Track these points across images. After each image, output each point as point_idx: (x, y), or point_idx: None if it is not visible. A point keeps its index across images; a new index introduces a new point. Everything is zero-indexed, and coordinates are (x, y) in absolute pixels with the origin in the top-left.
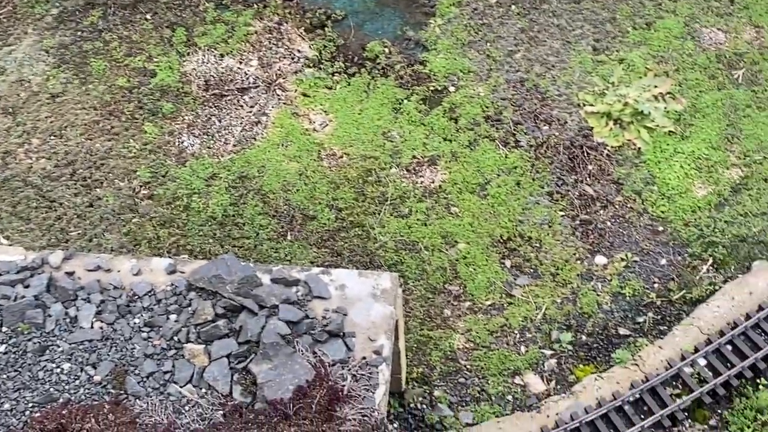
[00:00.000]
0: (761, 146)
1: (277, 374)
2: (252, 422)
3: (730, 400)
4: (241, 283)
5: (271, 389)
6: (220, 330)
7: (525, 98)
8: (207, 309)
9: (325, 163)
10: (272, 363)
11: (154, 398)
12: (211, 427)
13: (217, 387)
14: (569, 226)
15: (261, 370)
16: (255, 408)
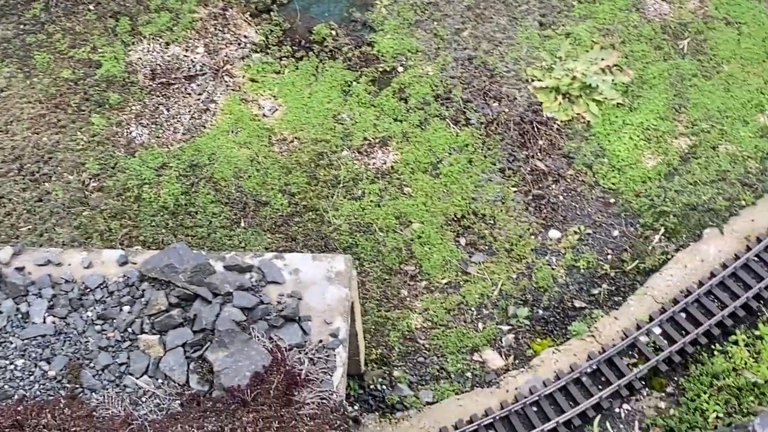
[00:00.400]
0: (708, 115)
1: (233, 361)
2: (210, 410)
3: (686, 367)
4: (194, 271)
5: (228, 376)
6: (174, 319)
7: (474, 76)
8: (160, 299)
9: (276, 148)
10: (228, 350)
11: (111, 391)
12: (168, 417)
13: (174, 377)
14: (522, 201)
15: (217, 358)
16: (212, 396)
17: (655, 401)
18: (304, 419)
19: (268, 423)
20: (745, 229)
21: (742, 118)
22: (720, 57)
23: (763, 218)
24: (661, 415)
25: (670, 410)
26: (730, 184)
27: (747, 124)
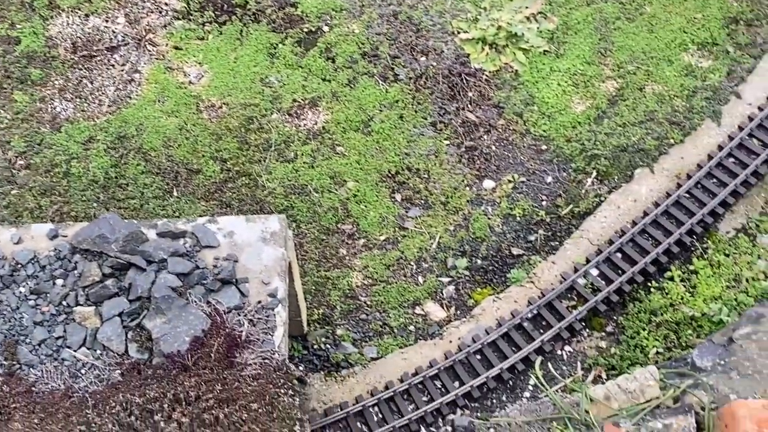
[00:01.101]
0: (633, 57)
1: (171, 327)
2: (151, 377)
3: (624, 305)
4: (126, 240)
5: (167, 343)
6: (109, 290)
7: (400, 31)
8: (93, 270)
9: (205, 115)
10: (166, 317)
11: (49, 365)
12: (109, 387)
13: (112, 347)
14: (455, 154)
15: (155, 325)
16: (153, 363)
17: (596, 341)
18: (247, 380)
19: (210, 386)
20: (675, 167)
21: (666, 58)
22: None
23: (692, 155)
24: (603, 354)
25: (611, 349)
26: (658, 123)
27: (672, 64)
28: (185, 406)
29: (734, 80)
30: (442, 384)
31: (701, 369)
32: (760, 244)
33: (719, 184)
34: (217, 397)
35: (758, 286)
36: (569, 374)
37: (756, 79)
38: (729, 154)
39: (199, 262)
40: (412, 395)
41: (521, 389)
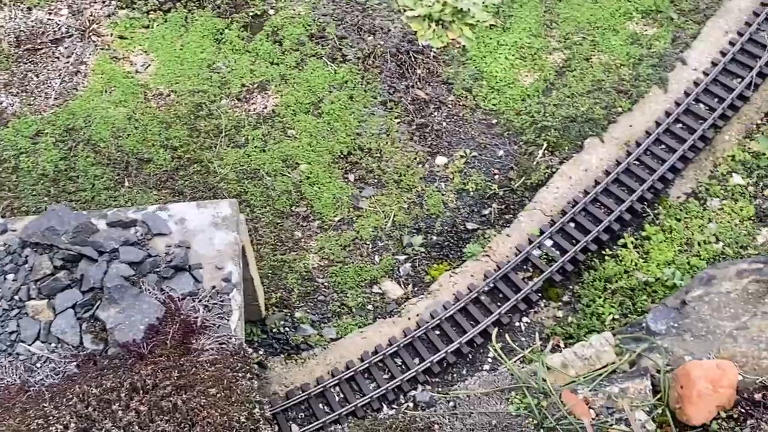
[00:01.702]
0: (579, 27)
1: (125, 317)
2: (107, 368)
3: (579, 274)
4: (76, 231)
5: (122, 332)
6: (61, 282)
7: (346, 11)
8: (44, 263)
9: (153, 103)
10: (119, 306)
11: (3, 360)
12: (65, 380)
13: (67, 339)
14: (406, 131)
15: (109, 315)
16: (108, 354)
17: (553, 311)
18: (205, 365)
19: (167, 373)
20: (624, 135)
21: (611, 28)
22: None
23: (640, 123)
24: (560, 324)
25: (568, 318)
26: (605, 92)
27: (617, 33)
28: (143, 394)
29: (679, 47)
30: (402, 361)
31: (656, 333)
32: (710, 207)
33: (668, 150)
34: (175, 384)
35: (710, 249)
36: (528, 345)
37: (700, 44)
38: (676, 120)
39: (151, 250)
40: (372, 374)
41: (481, 362)
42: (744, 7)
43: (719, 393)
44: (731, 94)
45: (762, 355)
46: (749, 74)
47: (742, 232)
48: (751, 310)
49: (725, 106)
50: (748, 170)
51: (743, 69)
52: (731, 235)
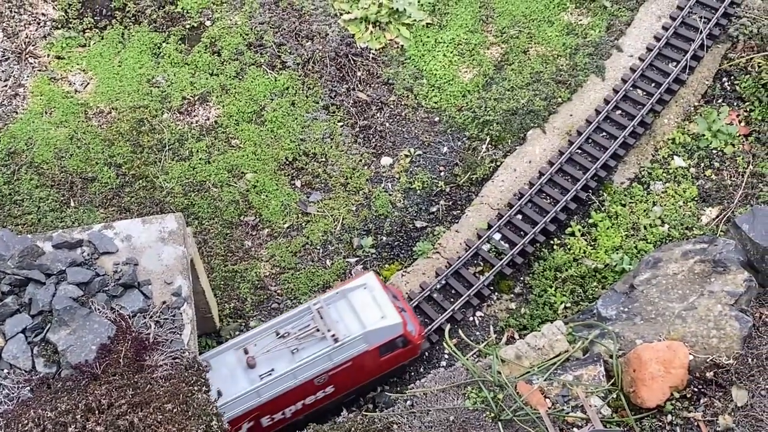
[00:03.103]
0: (514, 21)
1: (77, 338)
2: (61, 390)
3: (530, 266)
4: (22, 255)
5: (73, 353)
6: (9, 307)
7: (283, 18)
8: None
9: (95, 122)
10: (70, 328)
11: None
12: (20, 405)
13: (19, 364)
14: (350, 134)
15: (60, 337)
16: (62, 376)
17: (506, 303)
18: (159, 381)
19: (122, 392)
20: (565, 125)
21: (547, 19)
22: None
23: (580, 111)
24: (513, 316)
25: (521, 309)
26: (544, 84)
27: (552, 24)
28: (98, 414)
29: (614, 34)
30: None
31: (607, 318)
32: (654, 191)
33: (609, 137)
34: (130, 402)
35: (656, 232)
36: (483, 339)
37: (634, 31)
38: (615, 107)
39: (98, 270)
40: None
41: (437, 359)
42: None
43: (671, 374)
44: (667, 78)
45: (711, 333)
46: (684, 58)
47: (686, 214)
48: (698, 290)
49: (662, 90)
50: (689, 152)
51: (678, 53)
52: (676, 217)
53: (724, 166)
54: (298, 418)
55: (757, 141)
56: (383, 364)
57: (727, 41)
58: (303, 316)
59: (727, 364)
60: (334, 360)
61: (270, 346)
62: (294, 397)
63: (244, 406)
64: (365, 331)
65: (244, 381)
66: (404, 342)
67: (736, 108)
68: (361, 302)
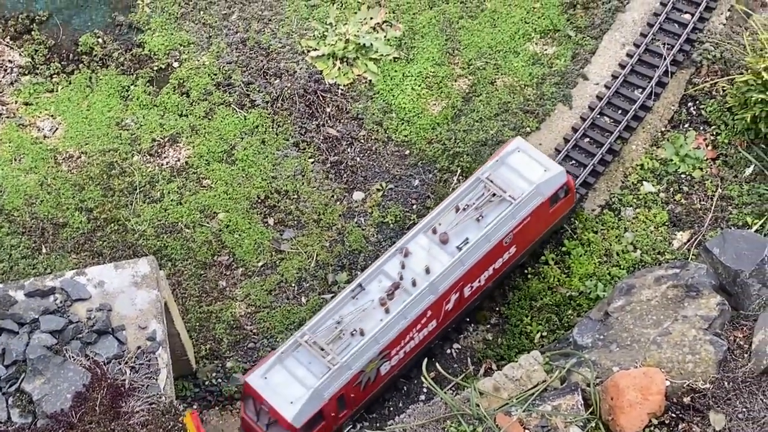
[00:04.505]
0: (481, 53)
1: (51, 387)
2: None
3: (505, 296)
4: None
5: (49, 403)
6: None
7: (250, 57)
8: None
9: (64, 167)
10: (45, 377)
11: None
12: None
13: None
14: (321, 170)
15: (35, 387)
16: (38, 426)
17: (483, 334)
18: (136, 428)
19: None
20: None
21: (512, 50)
22: None
23: (549, 140)
24: (490, 347)
25: (497, 340)
26: (513, 114)
27: (518, 55)
28: None
29: (579, 63)
30: None
31: (583, 347)
32: (625, 217)
33: (578, 165)
34: None
35: (628, 258)
36: (460, 371)
37: (599, 59)
38: (584, 135)
39: (72, 317)
40: None
41: (416, 393)
42: (638, 19)
43: (649, 401)
44: (634, 105)
45: (687, 358)
46: (649, 84)
47: (658, 239)
48: (672, 315)
49: (629, 117)
50: (658, 177)
51: (643, 79)
52: (648, 242)
53: (693, 190)
54: (488, 285)
55: (724, 164)
56: (551, 216)
57: (691, 66)
58: (474, 188)
59: (703, 389)
60: (516, 218)
61: (455, 221)
62: (487, 262)
63: (451, 278)
64: (537, 184)
65: (445, 256)
66: (566, 191)
67: (703, 132)
68: (521, 163)
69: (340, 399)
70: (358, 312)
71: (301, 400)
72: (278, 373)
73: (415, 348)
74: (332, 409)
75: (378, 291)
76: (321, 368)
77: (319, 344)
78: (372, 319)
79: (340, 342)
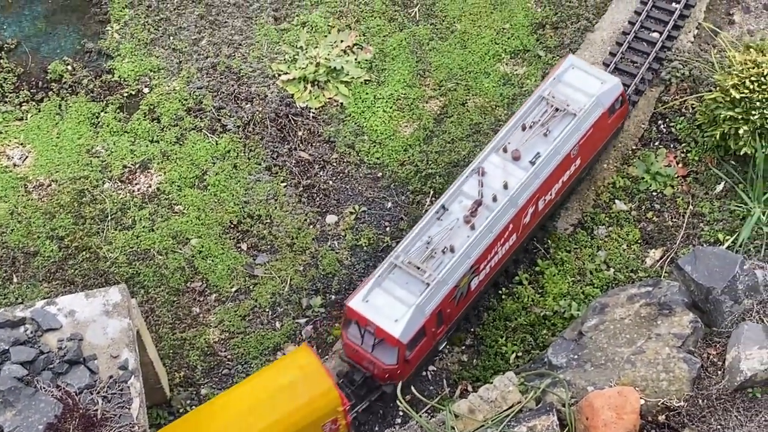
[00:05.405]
0: (451, 74)
1: (23, 419)
2: None
3: (479, 317)
4: None
5: None
6: None
7: (221, 82)
8: None
9: (35, 195)
10: (15, 408)
11: None
12: None
13: None
14: (294, 194)
15: (5, 419)
16: None
17: (458, 356)
18: None
19: None
20: None
21: (483, 71)
22: (451, 17)
23: None
24: (466, 368)
25: (473, 361)
26: (484, 134)
27: (489, 76)
28: None
29: None
30: None
31: (557, 366)
32: (597, 235)
33: None
34: None
35: (602, 276)
36: (436, 393)
37: None
38: None
39: (42, 347)
40: None
41: (392, 416)
42: (606, 38)
43: (624, 420)
44: None
45: (661, 377)
46: None
47: (630, 257)
48: (646, 333)
49: None
50: (630, 195)
51: None
52: (621, 261)
53: (664, 207)
54: (557, 198)
55: (695, 181)
56: (610, 127)
57: (661, 84)
58: (537, 106)
59: (678, 407)
60: (581, 129)
61: (524, 138)
62: (558, 174)
63: (528, 191)
64: (597, 96)
65: (519, 171)
66: (621, 101)
67: (673, 150)
68: (578, 78)
69: (438, 314)
70: (445, 231)
71: (405, 317)
72: (378, 296)
73: (498, 262)
74: (432, 324)
75: (460, 210)
76: (419, 286)
77: (414, 264)
78: (459, 236)
79: (433, 260)
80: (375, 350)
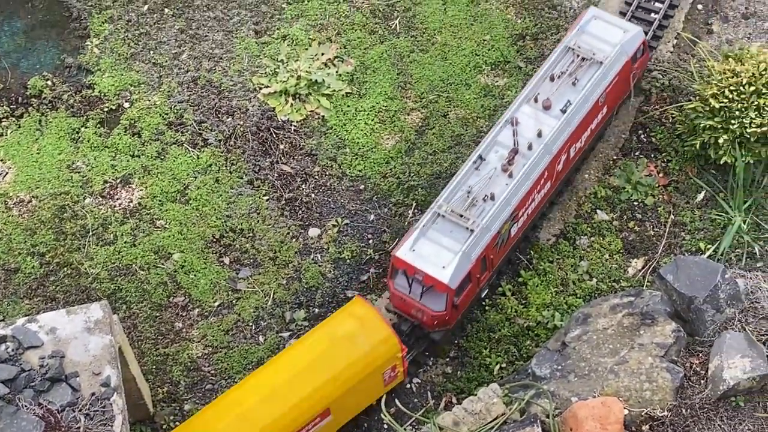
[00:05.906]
0: (432, 86)
1: None
2: None
3: (463, 329)
4: None
5: None
6: None
7: (202, 96)
8: None
9: (15, 211)
10: None
11: None
12: None
13: None
14: (276, 208)
15: None
16: None
17: (442, 368)
18: None
19: None
20: None
21: (464, 83)
22: (431, 29)
23: None
24: (450, 380)
25: (457, 373)
26: (466, 146)
27: (470, 87)
28: None
29: None
30: None
31: (541, 377)
32: (579, 245)
33: None
34: None
35: (585, 287)
36: (421, 406)
37: None
38: None
39: (24, 365)
40: None
41: (377, 429)
42: None
43: (608, 430)
44: None
45: (644, 387)
46: None
47: (613, 266)
48: (629, 343)
49: None
50: (611, 205)
51: None
52: (603, 271)
53: (646, 217)
54: (585, 147)
55: (676, 191)
56: (633, 75)
57: (641, 94)
58: (563, 57)
59: (662, 417)
60: (608, 77)
61: (553, 87)
62: (587, 122)
63: (561, 138)
64: (621, 44)
65: (551, 120)
66: (643, 50)
67: (654, 159)
68: (601, 28)
69: (483, 260)
70: (484, 180)
71: (453, 263)
72: (424, 245)
73: (535, 209)
74: (477, 270)
75: (497, 159)
76: (464, 233)
77: (458, 212)
78: (498, 184)
79: (475, 208)
80: (423, 298)
